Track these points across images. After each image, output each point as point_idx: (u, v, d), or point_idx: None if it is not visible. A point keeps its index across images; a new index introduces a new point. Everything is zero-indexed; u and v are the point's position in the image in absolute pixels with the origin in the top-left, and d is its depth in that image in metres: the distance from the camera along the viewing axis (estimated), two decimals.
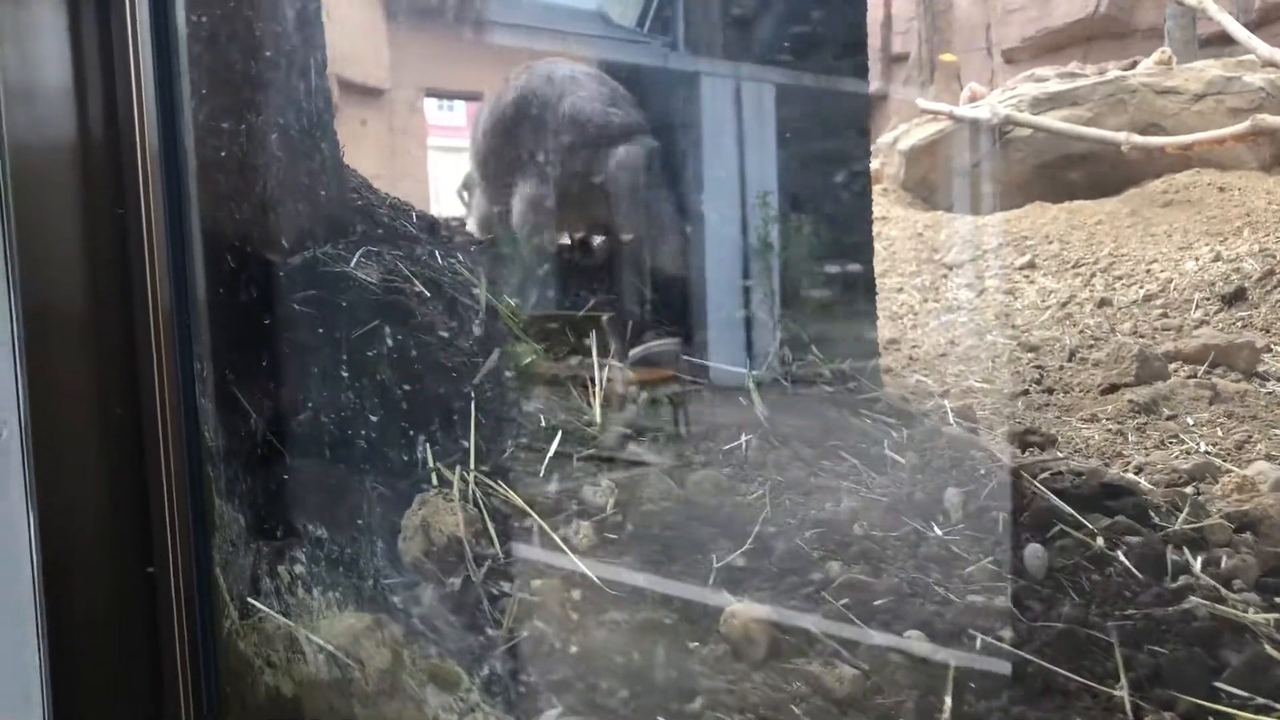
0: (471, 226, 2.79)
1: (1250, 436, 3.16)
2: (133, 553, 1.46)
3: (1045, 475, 2.17)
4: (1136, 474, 2.87)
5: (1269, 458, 2.87)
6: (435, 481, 1.73)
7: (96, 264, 1.47)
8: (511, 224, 2.63)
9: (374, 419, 1.75)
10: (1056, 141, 8.22)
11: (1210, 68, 8.39)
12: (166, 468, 1.45)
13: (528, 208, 2.55)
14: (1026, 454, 3.12)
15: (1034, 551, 1.56)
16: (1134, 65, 9.94)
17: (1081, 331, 5.45)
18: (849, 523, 1.61)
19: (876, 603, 1.48)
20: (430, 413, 1.80)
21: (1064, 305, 6.14)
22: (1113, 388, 3.86)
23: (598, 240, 2.81)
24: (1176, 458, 3.01)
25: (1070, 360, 4.97)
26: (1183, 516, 1.89)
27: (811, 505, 1.69)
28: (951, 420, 3.48)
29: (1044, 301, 6.39)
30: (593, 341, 2.17)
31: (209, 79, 1.66)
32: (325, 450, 1.72)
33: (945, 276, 7.52)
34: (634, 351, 2.19)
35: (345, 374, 1.79)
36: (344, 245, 1.98)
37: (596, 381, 2.04)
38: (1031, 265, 7.25)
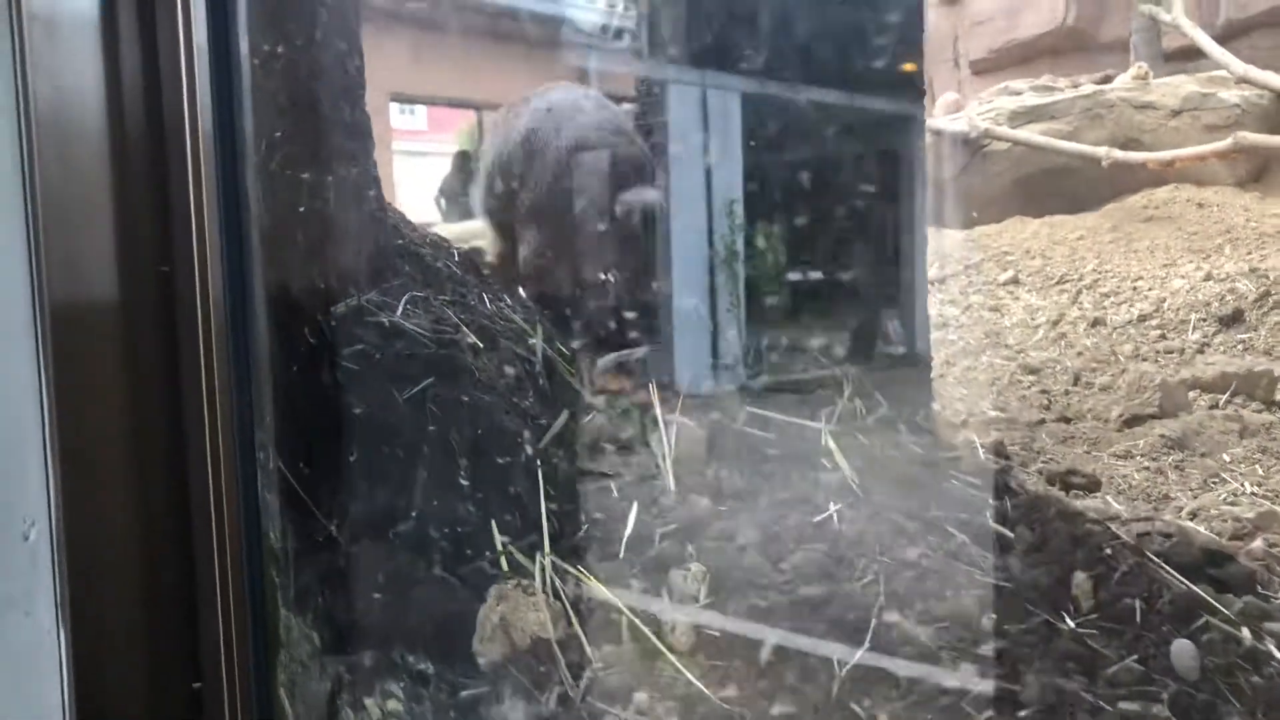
0: (450, 232, 2.62)
1: None
2: (175, 665, 1.26)
3: (1138, 536, 2.03)
4: (1192, 519, 2.74)
5: None
6: (506, 567, 1.54)
7: (136, 331, 1.26)
8: (520, 263, 2.46)
9: (437, 498, 1.56)
10: (1035, 155, 8.16)
11: (1186, 84, 8.39)
12: (221, 573, 1.24)
13: (533, 250, 2.39)
14: (1071, 495, 2.99)
15: (1184, 650, 1.41)
16: (1107, 79, 9.94)
17: (1080, 354, 5.36)
18: (977, 616, 1.44)
19: (1021, 715, 1.31)
20: (496, 485, 1.61)
21: (1055, 324, 6.05)
22: (1136, 419, 3.75)
23: (621, 276, 2.63)
24: (1227, 500, 2.90)
25: (1075, 384, 4.87)
26: None
27: (929, 592, 1.52)
28: (983, 455, 3.35)
29: (1033, 319, 6.30)
30: (653, 393, 1.99)
31: (270, 118, 1.46)
32: (395, 542, 1.52)
33: (928, 292, 7.42)
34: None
35: (404, 449, 1.59)
36: (389, 291, 1.79)
37: (665, 440, 1.86)
38: (1015, 281, 7.16)
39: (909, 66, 3.14)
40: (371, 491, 1.58)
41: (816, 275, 3.42)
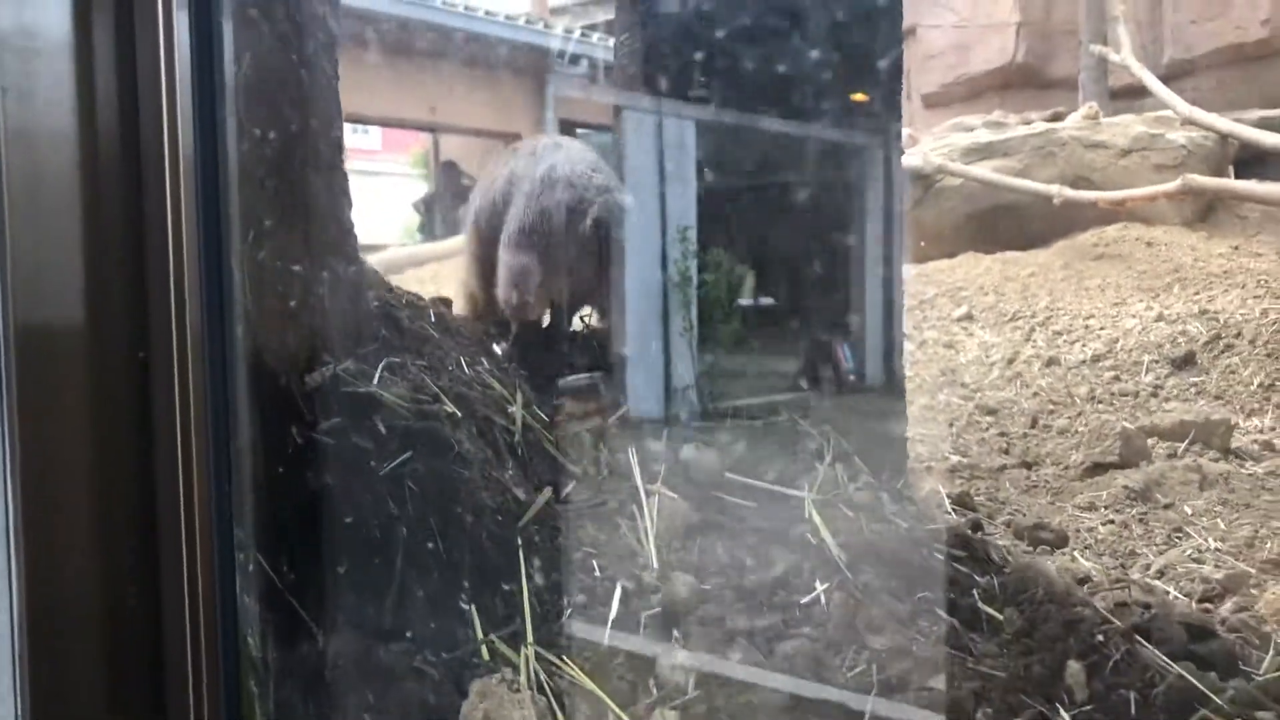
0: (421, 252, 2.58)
1: (1257, 532, 3.08)
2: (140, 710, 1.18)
3: (1116, 605, 2.02)
4: (1157, 577, 2.75)
5: None
6: (487, 655, 1.48)
7: (109, 416, 1.19)
8: (499, 299, 2.43)
9: (415, 583, 1.49)
10: (987, 191, 8.25)
11: (1134, 124, 8.54)
12: (196, 691, 1.17)
13: (512, 275, 2.36)
14: (1038, 550, 2.98)
15: None
16: (1057, 116, 10.10)
17: (1037, 394, 5.40)
18: (972, 709, 1.41)
19: None
20: (476, 568, 1.56)
21: (1010, 363, 6.10)
22: (1098, 466, 3.77)
23: (587, 313, 2.60)
24: (1191, 556, 2.91)
25: (1033, 427, 4.90)
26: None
27: (919, 680, 1.49)
28: (949, 507, 3.34)
29: (988, 356, 6.34)
30: (632, 460, 1.95)
31: (249, 192, 1.40)
32: (370, 631, 1.45)
33: (904, 327, 7.45)
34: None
35: (380, 530, 1.53)
36: (366, 357, 1.72)
37: (646, 513, 1.81)
38: (969, 317, 7.22)
39: (859, 96, 3.14)
40: (348, 576, 1.51)
41: (769, 301, 3.43)
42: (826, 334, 2.53)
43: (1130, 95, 10.73)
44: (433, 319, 2.02)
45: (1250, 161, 8.72)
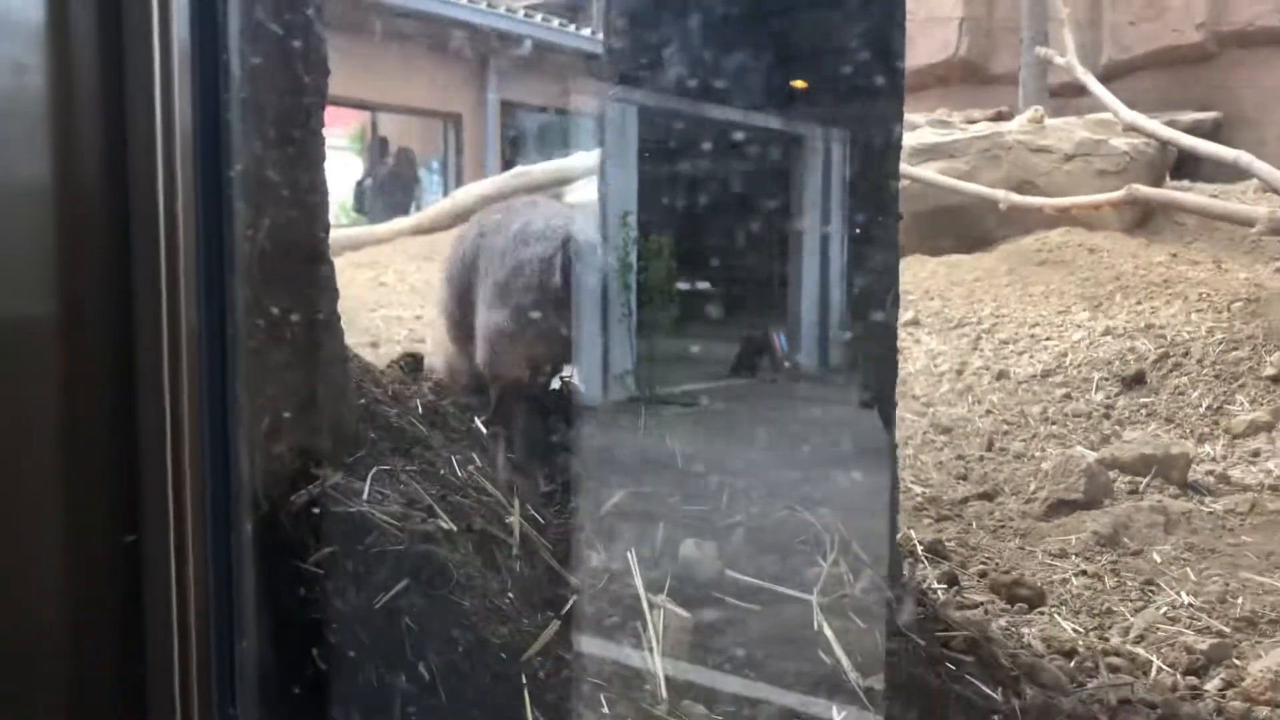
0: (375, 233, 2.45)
1: (1227, 585, 3.08)
2: None
3: (1120, 703, 1.97)
4: (1137, 643, 2.73)
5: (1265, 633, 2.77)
6: None
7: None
8: (478, 363, 2.29)
9: None
10: (933, 193, 8.24)
11: (1078, 128, 8.60)
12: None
13: (491, 335, 2.23)
14: (1016, 608, 2.95)
15: None
16: (1000, 116, 10.14)
17: (990, 412, 5.41)
18: None
19: None
20: (478, 712, 1.44)
21: (960, 374, 6.09)
22: (1062, 504, 3.76)
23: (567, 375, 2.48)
24: (1167, 614, 2.89)
25: (990, 450, 4.89)
26: None
27: None
28: (923, 556, 3.30)
29: (936, 365, 6.34)
30: (632, 563, 1.84)
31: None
32: None
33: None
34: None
35: (377, 673, 1.40)
36: (355, 466, 1.58)
37: (652, 631, 1.71)
38: (916, 323, 7.20)
39: (798, 84, 3.06)
40: None
41: (706, 287, 3.35)
42: (763, 322, 2.44)
43: (1068, 94, 10.83)
44: (419, 410, 1.88)
45: (1183, 164, 8.87)
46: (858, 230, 2.41)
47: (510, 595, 1.58)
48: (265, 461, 1.51)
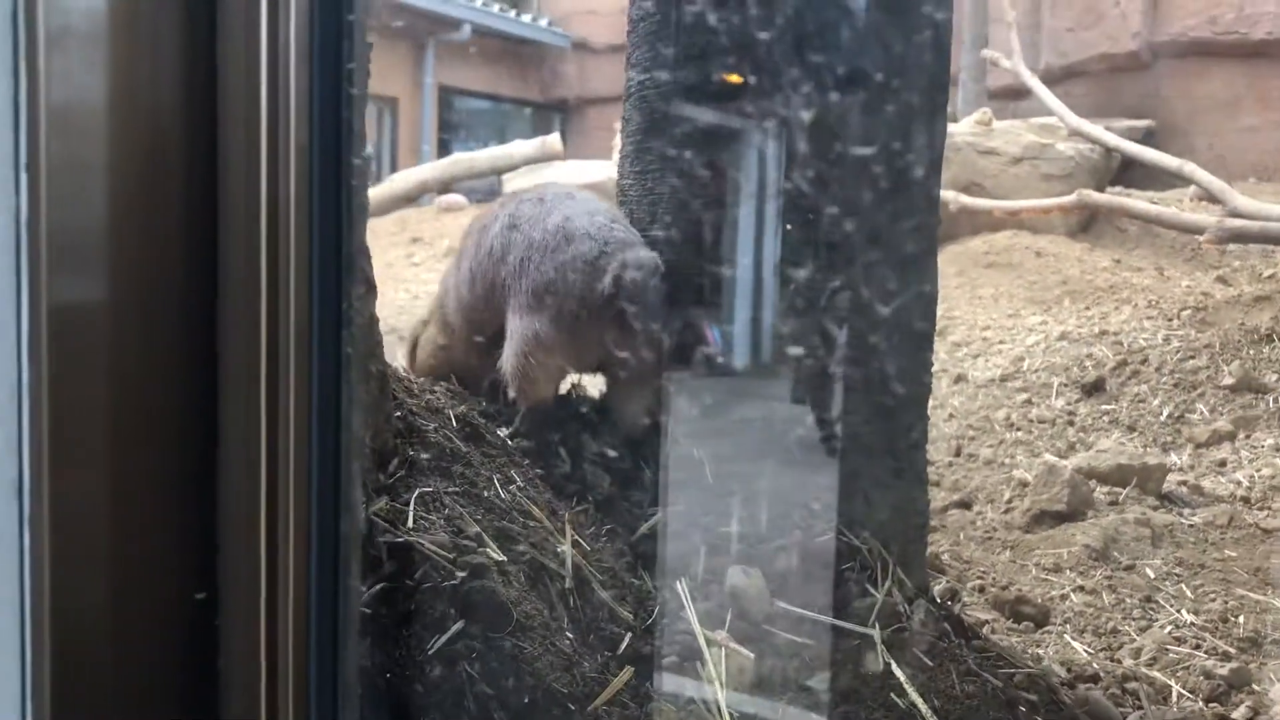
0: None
1: (1226, 604, 3.04)
2: None
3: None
4: (1151, 665, 2.66)
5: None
6: None
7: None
8: (505, 374, 2.07)
9: None
10: None
11: (1025, 132, 8.65)
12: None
13: (525, 345, 2.00)
14: (1023, 626, 2.87)
15: None
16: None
17: (952, 415, 5.36)
18: None
19: None
20: None
21: None
22: (1045, 515, 3.70)
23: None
24: (1171, 633, 2.84)
25: (958, 456, 4.84)
26: None
27: None
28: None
29: None
30: (684, 597, 1.69)
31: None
32: None
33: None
34: None
35: None
36: (394, 488, 1.40)
37: (715, 673, 1.56)
38: None
39: (732, 78, 2.88)
40: None
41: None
42: (695, 312, 2.30)
43: (1007, 96, 10.94)
44: (454, 423, 1.70)
45: (1125, 170, 9.00)
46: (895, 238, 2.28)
47: (570, 636, 1.41)
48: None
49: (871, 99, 2.18)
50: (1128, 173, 8.98)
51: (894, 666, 1.64)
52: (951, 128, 8.77)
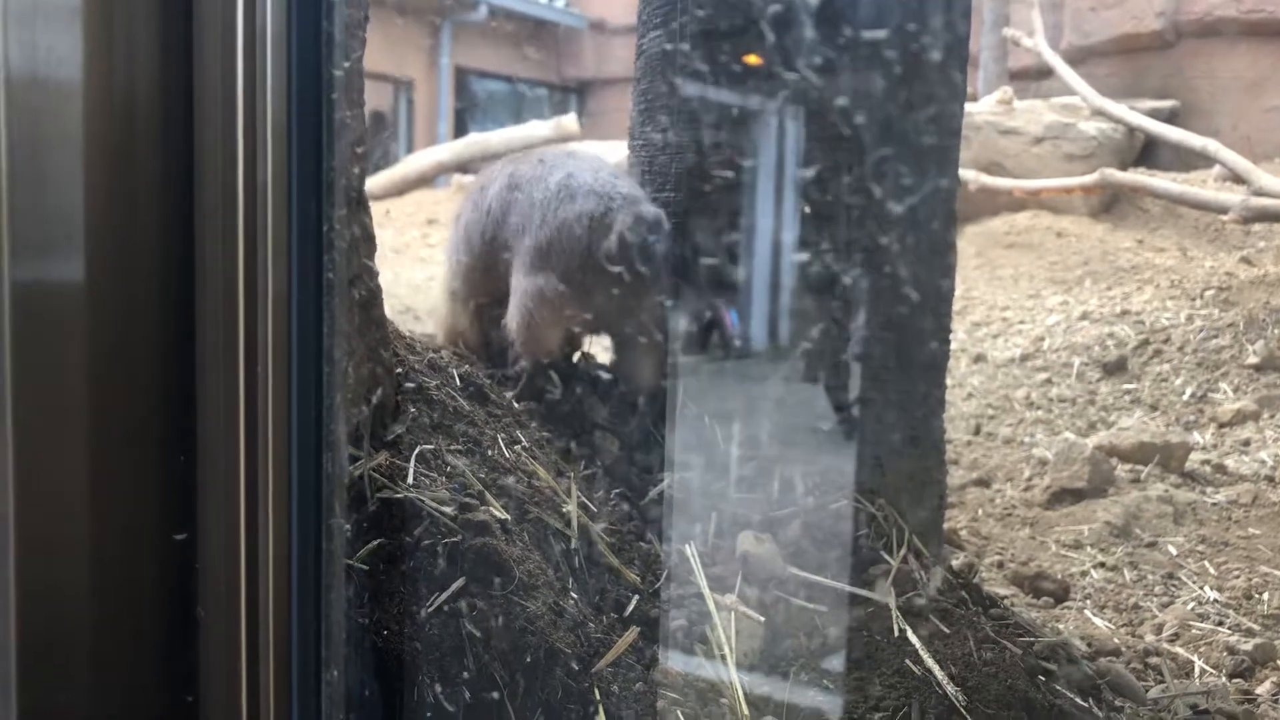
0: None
1: (1250, 581, 2.98)
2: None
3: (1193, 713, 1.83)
4: (1173, 641, 2.61)
5: None
6: None
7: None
8: (509, 332, 2.02)
9: None
10: None
11: (1046, 111, 8.54)
12: None
13: (529, 302, 1.96)
14: (1042, 601, 2.82)
15: None
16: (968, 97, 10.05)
17: (971, 395, 5.30)
18: None
19: None
20: None
21: None
22: (1065, 493, 3.64)
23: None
24: (1194, 610, 2.79)
25: (977, 434, 4.78)
26: None
27: None
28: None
29: None
30: (692, 559, 1.65)
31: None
32: None
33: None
34: None
35: (438, 692, 1.19)
36: (396, 444, 1.37)
37: (725, 640, 1.52)
38: None
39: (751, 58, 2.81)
40: None
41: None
42: (713, 296, 2.24)
43: (1028, 77, 10.81)
44: (458, 382, 1.66)
45: (1146, 151, 8.88)
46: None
47: (574, 597, 1.37)
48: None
49: (888, 68, 2.12)
50: (1150, 153, 8.86)
51: (909, 633, 1.59)
52: (972, 107, 8.67)
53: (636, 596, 1.49)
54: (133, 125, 0.97)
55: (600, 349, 2.24)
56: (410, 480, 1.36)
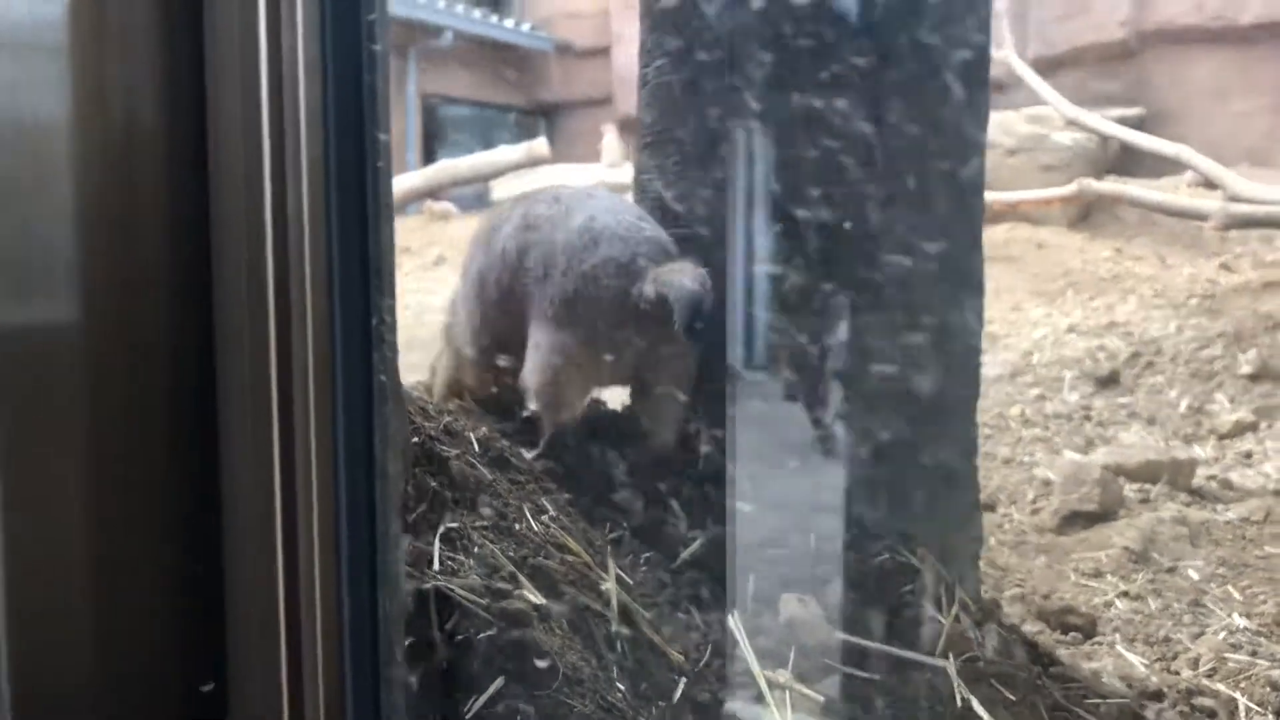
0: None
1: (1279, 605, 2.89)
2: None
3: None
4: (1211, 676, 2.51)
5: None
6: None
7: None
8: (529, 389, 1.88)
9: None
10: None
11: (1018, 123, 8.53)
12: None
13: (554, 359, 1.81)
14: (1070, 637, 2.72)
15: None
16: None
17: None
18: None
19: None
20: None
21: None
22: (1077, 516, 3.55)
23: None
24: (1226, 640, 2.69)
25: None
26: None
27: None
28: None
29: None
30: (739, 635, 1.53)
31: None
32: None
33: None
34: None
35: None
36: (418, 525, 1.24)
37: None
38: None
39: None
40: None
41: None
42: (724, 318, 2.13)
43: (997, 89, 10.82)
44: (477, 448, 1.54)
45: (1119, 159, 8.89)
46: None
47: (620, 688, 1.25)
48: None
49: (904, 84, 2.02)
50: (1123, 161, 8.87)
51: (974, 703, 1.47)
52: None
53: (684, 680, 1.37)
54: (131, 162, 0.86)
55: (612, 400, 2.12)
56: (436, 566, 1.23)
